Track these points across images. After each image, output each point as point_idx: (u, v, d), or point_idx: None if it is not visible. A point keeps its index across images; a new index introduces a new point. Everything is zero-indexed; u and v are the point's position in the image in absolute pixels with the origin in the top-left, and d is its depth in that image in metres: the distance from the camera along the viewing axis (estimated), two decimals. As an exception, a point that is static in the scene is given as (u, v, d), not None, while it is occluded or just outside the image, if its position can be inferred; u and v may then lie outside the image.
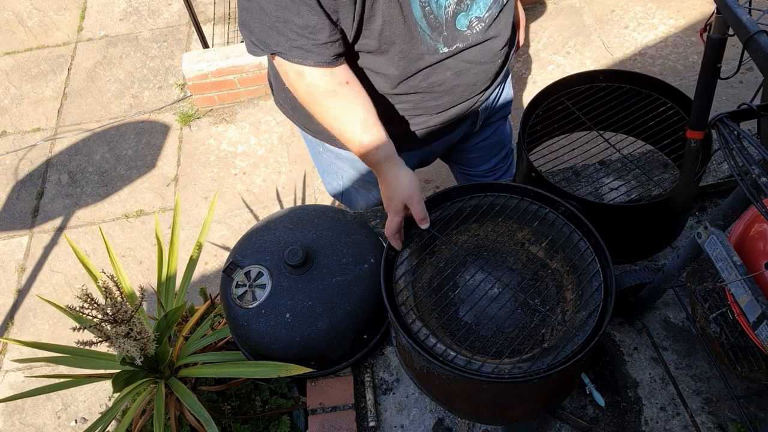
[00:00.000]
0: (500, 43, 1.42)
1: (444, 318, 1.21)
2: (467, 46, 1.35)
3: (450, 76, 1.40)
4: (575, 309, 1.17)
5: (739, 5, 0.90)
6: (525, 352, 1.14)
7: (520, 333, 1.18)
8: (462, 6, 1.27)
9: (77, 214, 3.03)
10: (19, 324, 2.70)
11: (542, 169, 1.52)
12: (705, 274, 1.29)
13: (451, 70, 1.39)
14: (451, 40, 1.31)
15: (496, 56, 1.44)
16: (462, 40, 1.33)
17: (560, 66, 3.19)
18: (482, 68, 1.43)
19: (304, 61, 1.20)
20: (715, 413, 1.32)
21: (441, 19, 1.26)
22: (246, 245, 1.45)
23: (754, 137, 0.92)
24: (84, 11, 3.96)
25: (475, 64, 1.40)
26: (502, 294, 1.23)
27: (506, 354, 1.13)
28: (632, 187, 1.60)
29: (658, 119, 1.49)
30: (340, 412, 1.38)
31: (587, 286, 1.16)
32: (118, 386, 1.39)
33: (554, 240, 1.24)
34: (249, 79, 3.25)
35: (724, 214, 1.06)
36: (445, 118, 1.51)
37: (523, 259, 1.29)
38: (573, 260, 1.21)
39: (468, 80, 1.43)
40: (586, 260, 1.19)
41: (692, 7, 3.32)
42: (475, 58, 1.39)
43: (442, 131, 1.56)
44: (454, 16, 1.28)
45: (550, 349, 1.12)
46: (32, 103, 3.51)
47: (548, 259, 1.27)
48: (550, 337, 1.18)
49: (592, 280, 1.16)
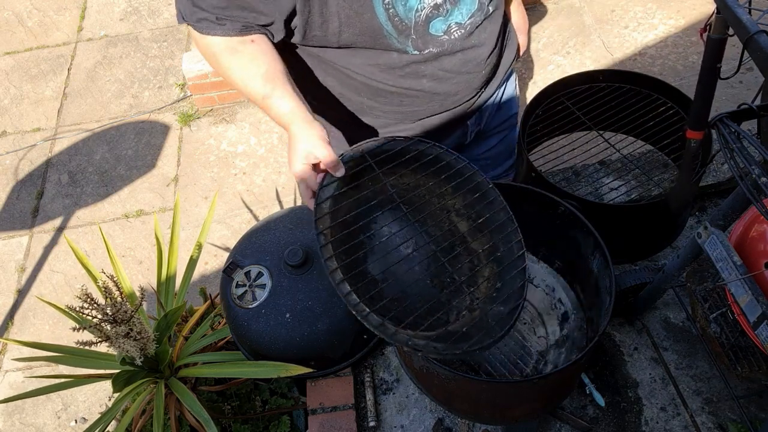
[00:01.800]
0: (484, 52, 1.37)
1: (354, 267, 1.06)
2: (443, 52, 1.30)
3: (427, 84, 1.36)
4: (491, 298, 1.09)
5: (739, 5, 0.90)
6: (423, 327, 1.04)
7: (424, 304, 1.08)
8: (440, 11, 1.24)
9: (77, 214, 3.03)
10: (19, 324, 2.70)
11: (542, 169, 1.52)
12: (705, 274, 1.29)
13: (427, 78, 1.35)
14: (422, 44, 1.27)
15: (479, 66, 1.39)
16: (436, 45, 1.29)
17: (560, 66, 3.19)
18: (465, 78, 1.39)
19: (210, 32, 1.18)
20: (716, 413, 1.32)
21: (408, 22, 1.22)
22: (246, 245, 1.45)
23: (754, 137, 0.92)
24: (84, 11, 3.96)
25: (455, 73, 1.36)
26: (416, 256, 1.13)
27: (405, 323, 1.03)
28: (632, 187, 1.60)
29: (658, 119, 1.49)
30: (340, 412, 1.38)
31: (510, 281, 1.08)
32: (118, 386, 1.39)
33: (486, 220, 1.15)
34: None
35: (724, 214, 1.06)
36: (428, 126, 1.48)
37: (445, 227, 1.18)
38: (499, 248, 1.12)
39: (448, 89, 1.39)
40: (514, 253, 1.11)
41: (692, 7, 3.32)
42: (455, 67, 1.35)
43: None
44: (428, 20, 1.24)
45: (453, 333, 1.04)
46: (32, 103, 3.51)
47: (471, 236, 1.17)
48: (455, 319, 1.09)
49: (516, 277, 1.08)
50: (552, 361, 1.29)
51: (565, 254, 1.35)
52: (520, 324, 1.36)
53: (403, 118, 1.45)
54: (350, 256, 1.04)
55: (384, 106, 1.41)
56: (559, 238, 1.32)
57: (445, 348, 1.01)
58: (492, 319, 1.05)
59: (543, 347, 1.32)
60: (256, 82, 1.18)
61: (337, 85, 1.38)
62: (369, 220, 1.12)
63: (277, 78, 1.18)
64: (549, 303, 1.37)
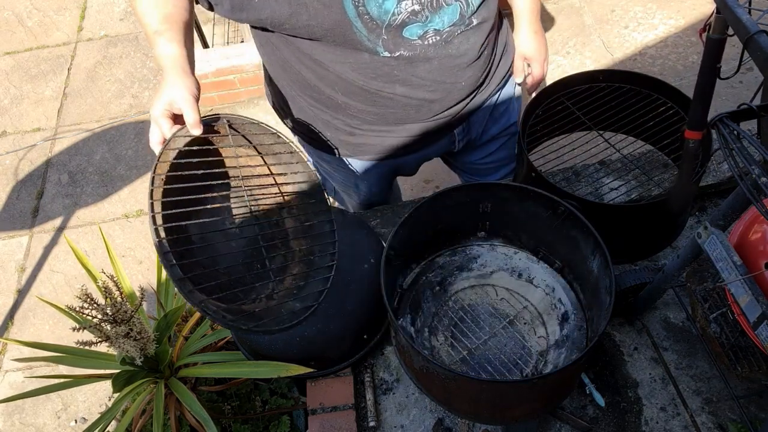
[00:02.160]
0: (463, 62, 1.34)
1: (175, 219, 1.04)
2: (416, 57, 1.28)
3: (401, 89, 1.34)
4: (291, 293, 1.11)
5: (739, 5, 0.90)
6: (218, 296, 1.03)
7: (228, 277, 1.10)
8: (418, 17, 1.22)
9: (77, 214, 3.03)
10: (19, 324, 2.70)
11: (542, 169, 1.52)
12: (705, 274, 1.29)
13: (401, 83, 1.33)
14: (393, 46, 1.25)
15: (458, 76, 1.36)
16: (408, 48, 1.26)
17: (560, 66, 3.19)
18: (442, 87, 1.36)
19: None
20: (716, 413, 1.32)
21: (379, 21, 1.20)
22: (246, 245, 1.45)
23: (754, 137, 0.92)
24: (84, 11, 3.96)
25: (430, 81, 1.34)
26: (237, 233, 1.15)
27: (203, 286, 1.03)
28: (632, 187, 1.60)
29: (658, 119, 1.49)
30: (340, 412, 1.38)
31: (313, 284, 1.10)
32: (118, 386, 1.39)
33: (312, 226, 1.18)
34: (249, 79, 3.25)
35: (724, 214, 1.06)
36: (409, 131, 1.46)
37: (273, 218, 1.21)
38: (314, 253, 1.16)
39: (424, 96, 1.37)
40: (325, 262, 1.13)
41: (692, 7, 3.32)
42: (431, 74, 1.33)
43: (412, 145, 1.52)
44: (404, 24, 1.22)
45: (246, 311, 1.04)
46: (32, 103, 3.51)
47: (293, 235, 1.19)
48: (252, 300, 1.09)
49: (320, 282, 1.10)
50: (552, 361, 1.29)
51: (565, 254, 1.35)
52: (521, 324, 1.36)
53: (377, 120, 1.42)
54: (175, 207, 1.03)
55: (358, 104, 1.39)
56: (559, 238, 1.32)
57: (233, 320, 1.02)
58: (285, 311, 1.09)
59: (543, 347, 1.32)
60: (154, 18, 1.19)
61: (312, 77, 1.36)
62: (206, 184, 1.10)
63: (175, 24, 1.19)
64: (549, 303, 1.37)
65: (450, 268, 1.43)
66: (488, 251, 1.44)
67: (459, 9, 1.25)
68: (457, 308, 1.39)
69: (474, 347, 1.33)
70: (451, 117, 1.47)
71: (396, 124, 1.45)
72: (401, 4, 1.19)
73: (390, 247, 1.25)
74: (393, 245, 1.27)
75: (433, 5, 1.22)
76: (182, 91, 1.11)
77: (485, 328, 1.36)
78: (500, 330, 1.35)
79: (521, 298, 1.40)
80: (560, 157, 1.54)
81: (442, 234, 1.43)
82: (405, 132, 1.47)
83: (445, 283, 1.42)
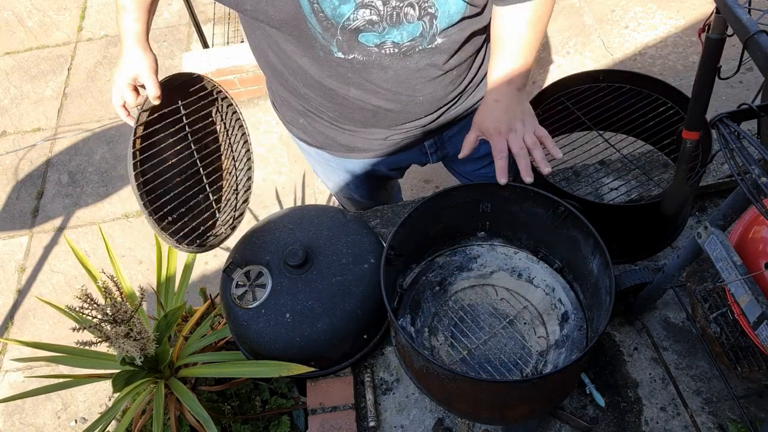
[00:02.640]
0: (422, 76, 1.28)
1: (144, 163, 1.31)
2: (371, 64, 1.24)
3: (355, 92, 1.31)
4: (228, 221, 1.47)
5: (739, 5, 0.90)
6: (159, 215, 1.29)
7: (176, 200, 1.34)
8: (376, 27, 1.18)
9: (77, 214, 3.03)
10: (19, 324, 2.70)
11: (542, 169, 1.52)
12: (705, 274, 1.29)
13: (355, 86, 1.30)
14: (347, 48, 1.21)
15: (416, 90, 1.31)
16: (363, 54, 1.22)
17: (560, 66, 3.19)
18: (398, 98, 1.33)
19: None
20: (716, 413, 1.32)
21: (333, 21, 1.16)
22: (246, 245, 1.46)
23: (754, 137, 0.92)
24: (84, 11, 3.96)
25: (385, 90, 1.31)
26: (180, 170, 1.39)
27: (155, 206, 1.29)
28: (632, 187, 1.60)
29: (658, 119, 1.49)
30: (340, 412, 1.38)
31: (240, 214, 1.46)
32: (118, 386, 1.39)
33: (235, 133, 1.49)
34: (249, 79, 3.25)
35: (724, 214, 1.06)
36: (373, 137, 1.45)
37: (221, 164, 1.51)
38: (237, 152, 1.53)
39: (378, 103, 1.34)
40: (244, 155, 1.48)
41: (692, 7, 3.32)
42: (385, 83, 1.29)
43: (375, 150, 1.51)
44: (359, 31, 1.18)
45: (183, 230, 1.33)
46: (32, 103, 3.51)
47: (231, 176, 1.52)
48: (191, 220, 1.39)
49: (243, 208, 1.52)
50: (552, 361, 1.29)
51: (565, 254, 1.35)
52: (521, 324, 1.36)
53: (338, 117, 1.41)
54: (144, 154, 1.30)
55: (318, 98, 1.37)
56: (559, 238, 1.32)
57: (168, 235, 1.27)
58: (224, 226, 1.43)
59: (543, 347, 1.32)
60: None
61: (278, 62, 1.35)
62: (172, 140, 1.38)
63: (143, 3, 1.31)
64: (549, 303, 1.37)
65: (450, 268, 1.43)
66: (488, 251, 1.44)
67: (421, 28, 1.20)
68: (457, 308, 1.39)
69: (474, 347, 1.33)
70: (417, 129, 1.44)
71: (357, 126, 1.43)
72: (358, 12, 1.15)
73: (390, 247, 1.25)
74: (393, 245, 1.27)
75: (392, 19, 1.17)
76: (145, 68, 1.31)
77: (485, 328, 1.36)
78: (500, 330, 1.35)
79: (521, 298, 1.40)
80: (560, 157, 1.54)
81: (442, 234, 1.43)
82: (369, 135, 1.45)
83: (445, 283, 1.42)
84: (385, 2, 1.15)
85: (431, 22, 1.20)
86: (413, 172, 2.81)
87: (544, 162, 1.19)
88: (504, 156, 1.20)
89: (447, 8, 1.18)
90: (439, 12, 1.18)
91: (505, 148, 1.21)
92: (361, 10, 1.15)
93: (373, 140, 1.47)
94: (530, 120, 1.23)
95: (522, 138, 1.21)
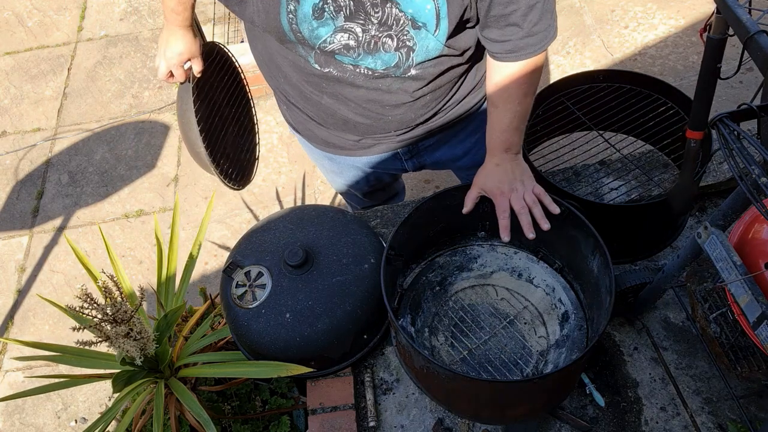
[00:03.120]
0: (392, 99, 1.31)
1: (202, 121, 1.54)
2: (344, 80, 1.28)
3: (328, 100, 1.35)
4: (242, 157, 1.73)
5: (739, 5, 0.90)
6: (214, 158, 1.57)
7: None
8: (351, 53, 1.20)
9: (77, 214, 3.03)
10: (19, 324, 2.70)
11: (542, 169, 1.52)
12: (705, 274, 1.29)
13: (328, 95, 1.33)
14: (324, 62, 1.25)
15: (386, 111, 1.34)
16: (338, 69, 1.26)
17: (560, 66, 3.19)
18: (369, 114, 1.35)
19: None
20: (715, 413, 1.32)
21: (310, 42, 1.20)
22: (246, 245, 1.46)
23: (754, 137, 0.93)
24: (84, 11, 3.96)
25: (355, 104, 1.34)
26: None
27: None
28: (632, 187, 1.60)
29: (658, 119, 1.49)
30: (340, 412, 1.38)
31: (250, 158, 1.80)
32: (118, 386, 1.39)
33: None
34: (249, 80, 3.24)
35: (724, 214, 1.06)
36: (347, 138, 1.47)
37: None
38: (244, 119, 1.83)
39: (349, 116, 1.37)
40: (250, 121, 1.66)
41: (692, 7, 3.32)
42: (357, 99, 1.32)
43: (352, 150, 1.53)
44: (334, 52, 1.21)
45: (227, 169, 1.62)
46: (32, 103, 3.51)
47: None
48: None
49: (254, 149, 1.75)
50: (552, 361, 1.29)
51: (565, 254, 1.35)
52: (521, 324, 1.37)
53: (315, 116, 1.45)
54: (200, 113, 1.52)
55: (297, 96, 1.42)
56: (559, 238, 1.32)
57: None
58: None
59: (543, 347, 1.32)
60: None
61: (265, 55, 1.40)
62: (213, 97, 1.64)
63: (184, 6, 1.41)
64: (549, 303, 1.37)
65: (450, 268, 1.43)
66: (488, 251, 1.44)
67: (397, 59, 1.22)
68: (457, 308, 1.39)
69: (474, 347, 1.33)
70: (389, 141, 1.47)
71: (330, 128, 1.47)
72: (335, 36, 1.17)
73: (390, 247, 1.25)
74: (393, 245, 1.27)
75: (369, 46, 1.19)
76: (196, 50, 1.48)
77: (485, 328, 1.36)
78: (500, 330, 1.35)
79: (521, 298, 1.40)
80: (560, 157, 1.54)
81: (442, 234, 1.44)
82: (343, 135, 1.48)
83: (445, 283, 1.42)
84: (364, 29, 1.16)
85: (408, 54, 1.21)
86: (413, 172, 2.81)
87: (543, 219, 1.26)
88: (507, 215, 1.29)
89: (426, 44, 1.20)
90: (417, 46, 1.20)
91: (507, 207, 1.29)
92: (339, 34, 1.17)
93: (346, 140, 1.49)
94: (528, 180, 1.30)
95: (522, 197, 1.28)
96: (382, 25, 1.15)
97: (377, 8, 1.13)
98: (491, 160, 1.32)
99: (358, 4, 1.12)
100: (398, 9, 1.13)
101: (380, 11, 1.13)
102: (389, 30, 1.16)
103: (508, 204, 1.28)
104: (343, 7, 1.13)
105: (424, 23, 1.15)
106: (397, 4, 1.12)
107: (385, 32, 1.16)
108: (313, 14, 1.14)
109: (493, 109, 1.32)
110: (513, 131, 1.29)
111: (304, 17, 1.14)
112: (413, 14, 1.13)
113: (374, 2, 1.12)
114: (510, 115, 1.28)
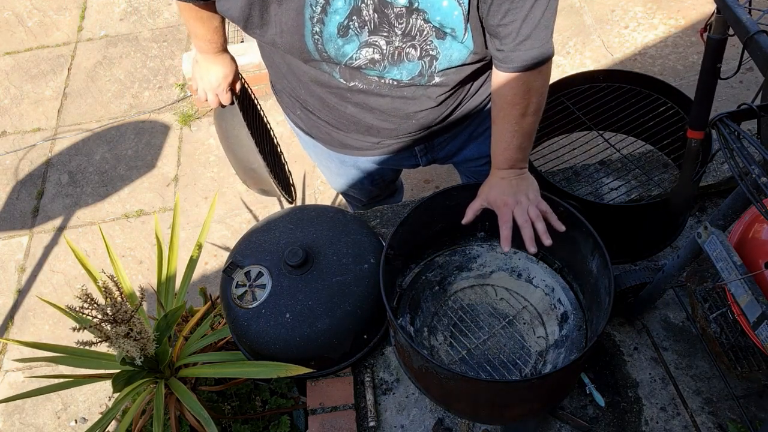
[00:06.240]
0: (416, 105, 1.33)
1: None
2: (370, 91, 1.29)
3: (353, 110, 1.36)
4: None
5: (739, 5, 0.90)
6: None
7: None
8: (377, 66, 1.21)
9: (77, 214, 3.03)
10: (19, 324, 2.70)
11: (542, 169, 1.52)
12: (705, 274, 1.29)
13: (353, 105, 1.35)
14: (349, 76, 1.26)
15: (411, 116, 1.36)
16: (363, 82, 1.27)
17: (560, 66, 3.19)
18: (392, 120, 1.38)
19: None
20: (715, 413, 1.32)
21: (336, 60, 1.21)
22: (246, 245, 1.45)
23: (754, 137, 0.93)
24: (84, 11, 3.96)
25: (381, 111, 1.35)
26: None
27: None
28: (632, 187, 1.60)
29: (658, 119, 1.49)
30: (340, 412, 1.38)
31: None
32: (118, 386, 1.39)
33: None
34: (249, 79, 3.24)
35: (724, 214, 1.06)
36: (365, 140, 1.48)
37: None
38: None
39: (372, 122, 1.39)
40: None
41: (692, 7, 3.32)
42: (382, 107, 1.33)
43: (366, 150, 1.54)
44: (360, 67, 1.22)
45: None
46: (32, 103, 3.51)
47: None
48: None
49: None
50: (551, 361, 1.29)
51: (565, 254, 1.35)
52: (520, 324, 1.36)
53: (334, 123, 1.45)
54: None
55: (316, 104, 1.42)
56: (558, 238, 1.32)
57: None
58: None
59: (542, 347, 1.32)
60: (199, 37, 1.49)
61: (283, 66, 1.40)
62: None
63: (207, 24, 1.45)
64: (548, 303, 1.37)
65: (449, 268, 1.43)
66: (488, 251, 1.44)
67: (420, 68, 1.23)
68: (457, 308, 1.39)
69: (473, 347, 1.33)
70: (408, 140, 1.48)
71: (351, 132, 1.47)
72: (361, 51, 1.18)
73: (389, 247, 1.25)
74: (392, 245, 1.27)
75: (393, 58, 1.20)
76: (237, 73, 1.62)
77: (484, 327, 1.36)
78: (499, 330, 1.35)
79: (521, 298, 1.40)
80: (560, 157, 1.54)
81: (442, 234, 1.43)
82: (362, 138, 1.48)
83: (444, 282, 1.42)
84: (388, 41, 1.17)
85: (431, 62, 1.22)
86: (413, 172, 2.81)
87: (546, 235, 1.24)
88: (509, 227, 1.26)
89: (450, 53, 1.20)
90: (441, 55, 1.21)
91: (510, 219, 1.26)
92: (365, 49, 1.18)
93: (365, 142, 1.49)
94: (534, 194, 1.28)
95: (526, 211, 1.26)
96: (405, 36, 1.16)
97: (401, 19, 1.13)
98: (497, 174, 1.31)
99: (383, 16, 1.12)
100: (423, 19, 1.13)
101: (404, 22, 1.14)
102: (412, 40, 1.17)
103: (511, 215, 1.26)
104: (368, 22, 1.13)
105: (453, 29, 1.15)
106: (423, 13, 1.12)
107: (409, 42, 1.18)
108: (338, 33, 1.14)
109: (492, 125, 1.31)
110: (515, 150, 1.28)
111: (330, 37, 1.15)
112: (441, 21, 1.13)
113: (399, 13, 1.12)
114: (509, 136, 1.27)
